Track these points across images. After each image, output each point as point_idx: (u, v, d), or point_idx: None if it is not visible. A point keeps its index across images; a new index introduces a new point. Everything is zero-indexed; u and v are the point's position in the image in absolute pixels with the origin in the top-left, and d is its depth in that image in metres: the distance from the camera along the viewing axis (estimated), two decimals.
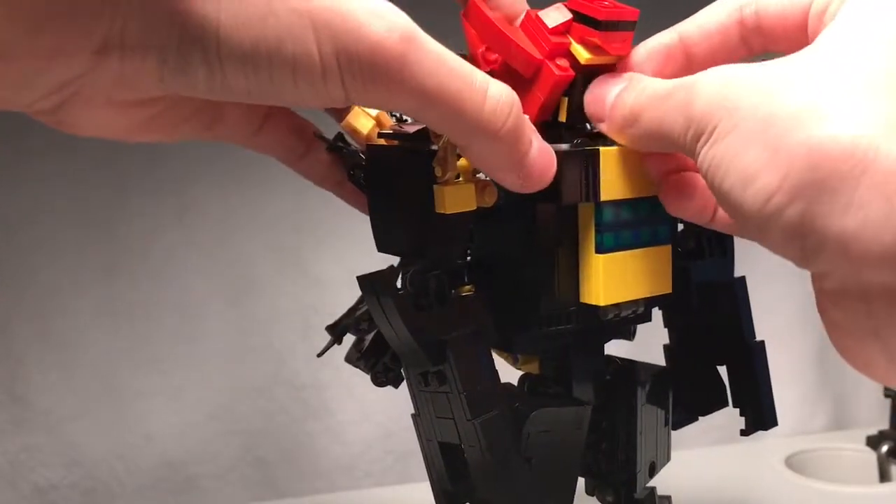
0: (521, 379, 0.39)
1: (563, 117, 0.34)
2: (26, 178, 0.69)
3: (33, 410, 0.71)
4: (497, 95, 0.27)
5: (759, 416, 0.39)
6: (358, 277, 0.32)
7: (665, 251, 0.35)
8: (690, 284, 0.39)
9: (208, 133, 0.34)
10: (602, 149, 0.33)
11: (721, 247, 0.40)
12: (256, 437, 0.75)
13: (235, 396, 0.74)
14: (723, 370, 0.41)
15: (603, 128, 0.32)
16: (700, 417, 0.42)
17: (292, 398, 0.75)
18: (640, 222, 0.34)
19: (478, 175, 0.32)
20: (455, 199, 0.31)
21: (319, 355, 0.39)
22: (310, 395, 0.75)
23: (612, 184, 0.33)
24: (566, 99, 0.33)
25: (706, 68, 0.29)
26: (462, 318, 0.33)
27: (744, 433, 0.40)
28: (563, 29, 0.33)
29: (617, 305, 0.34)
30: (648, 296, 0.34)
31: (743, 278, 0.40)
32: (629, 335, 0.40)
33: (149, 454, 0.73)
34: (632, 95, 0.31)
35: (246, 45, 0.24)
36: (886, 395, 0.75)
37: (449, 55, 0.27)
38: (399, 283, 0.33)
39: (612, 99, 0.32)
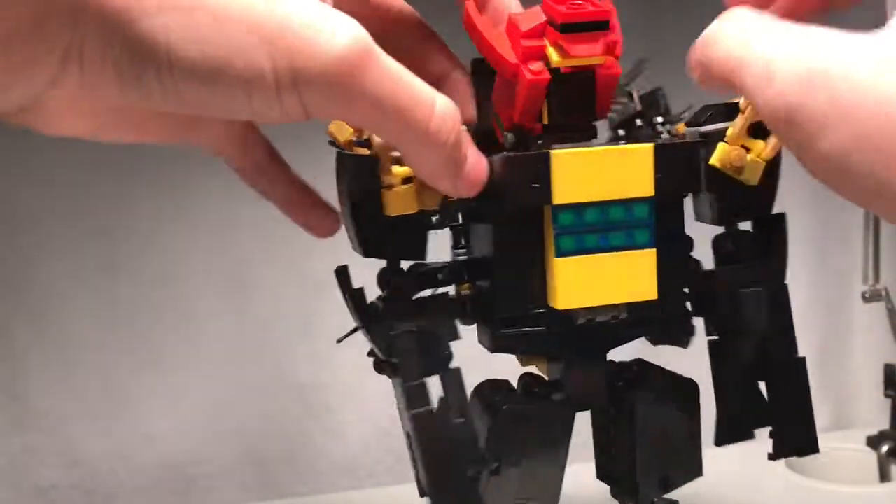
0: (520, 377, 0.39)
1: (545, 120, 0.34)
2: (26, 178, 0.69)
3: (33, 410, 0.71)
4: (443, 110, 0.28)
5: (793, 438, 0.37)
6: (335, 270, 0.34)
7: (646, 256, 0.34)
8: (719, 289, 0.36)
9: (188, 137, 0.34)
10: (554, 152, 0.32)
11: (763, 251, 0.37)
12: (256, 437, 0.75)
13: (235, 396, 0.74)
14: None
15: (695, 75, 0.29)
16: (752, 436, 0.38)
17: (292, 398, 0.75)
18: (610, 226, 0.33)
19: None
20: (397, 203, 0.32)
21: (339, 341, 0.39)
22: (310, 396, 0.75)
23: (569, 187, 0.33)
24: (547, 102, 0.33)
25: None
26: (418, 314, 0.34)
27: (771, 457, 0.37)
28: (539, 31, 0.32)
29: (591, 310, 0.34)
30: (622, 302, 0.34)
31: (779, 286, 0.36)
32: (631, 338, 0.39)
33: (149, 454, 0.73)
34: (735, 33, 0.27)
35: (196, 61, 0.24)
36: (886, 396, 0.75)
37: (402, 69, 0.27)
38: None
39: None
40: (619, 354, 0.39)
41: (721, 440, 0.37)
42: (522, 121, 0.34)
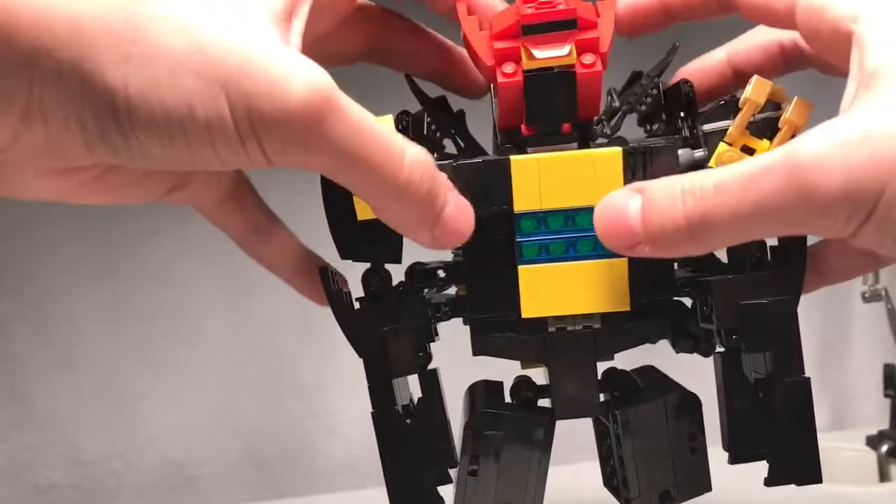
0: (514, 380, 0.39)
1: (524, 122, 0.33)
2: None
3: (33, 410, 0.71)
4: (413, 159, 0.27)
5: (793, 465, 0.34)
6: (318, 268, 0.35)
7: (617, 265, 0.33)
8: (717, 300, 0.33)
9: (171, 198, 0.33)
10: (513, 158, 0.32)
11: (777, 263, 0.34)
12: (257, 437, 0.75)
13: (236, 397, 0.74)
14: None
15: (643, 252, 0.28)
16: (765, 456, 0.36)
17: (292, 398, 0.75)
18: (578, 234, 0.32)
19: None
20: (363, 208, 0.32)
21: None
22: (310, 396, 0.75)
23: (531, 193, 0.32)
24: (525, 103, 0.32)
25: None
26: (392, 316, 0.34)
27: (767, 482, 0.35)
28: (512, 32, 0.32)
29: (561, 319, 0.33)
30: (592, 312, 0.33)
31: (785, 299, 0.33)
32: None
33: (149, 454, 0.73)
34: (675, 202, 0.27)
35: (156, 111, 0.24)
36: (886, 395, 0.75)
37: (368, 117, 0.26)
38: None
39: (634, 216, 0.28)
40: (627, 362, 0.38)
41: (735, 458, 0.35)
42: (508, 123, 0.34)
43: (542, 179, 0.32)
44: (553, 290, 0.33)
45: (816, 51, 0.31)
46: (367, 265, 0.36)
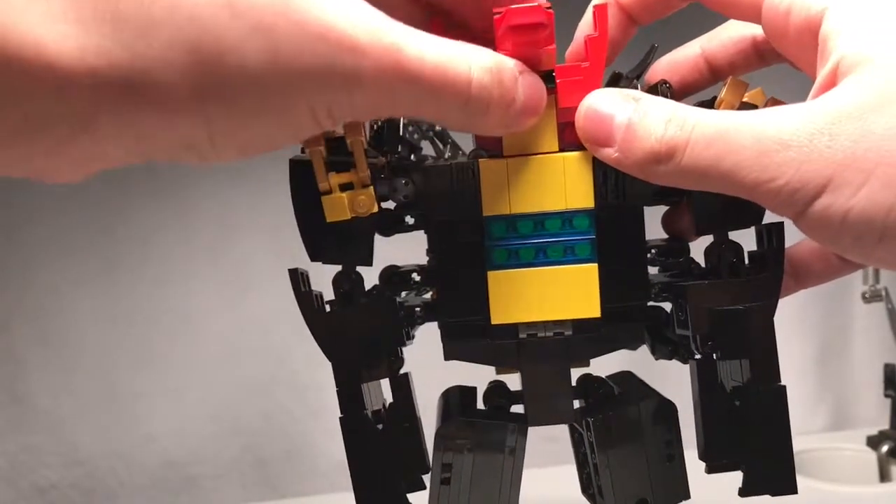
0: (487, 385, 0.38)
1: None
2: (26, 179, 0.69)
3: (33, 410, 0.71)
4: (479, 75, 0.26)
5: (768, 475, 0.33)
6: (288, 270, 0.34)
7: (587, 271, 0.32)
8: (689, 303, 0.33)
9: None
10: (482, 161, 0.31)
11: (754, 269, 0.33)
12: (256, 437, 0.75)
13: (235, 397, 0.74)
14: None
15: (607, 154, 0.29)
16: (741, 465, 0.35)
17: (292, 398, 0.75)
18: (548, 239, 0.32)
19: (363, 185, 0.31)
20: (331, 209, 0.31)
21: None
22: (309, 395, 0.75)
23: (499, 198, 0.32)
24: None
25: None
26: (362, 320, 0.33)
27: (741, 493, 0.34)
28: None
29: (532, 325, 0.32)
30: (563, 318, 0.32)
31: (762, 305, 0.32)
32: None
33: (149, 454, 0.73)
34: (659, 125, 0.28)
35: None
36: (886, 395, 0.75)
37: (428, 49, 0.25)
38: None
39: (622, 122, 0.29)
40: (604, 368, 0.37)
41: (712, 468, 0.35)
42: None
43: (511, 182, 0.31)
44: (523, 296, 0.32)
45: (780, 50, 0.31)
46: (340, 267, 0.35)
